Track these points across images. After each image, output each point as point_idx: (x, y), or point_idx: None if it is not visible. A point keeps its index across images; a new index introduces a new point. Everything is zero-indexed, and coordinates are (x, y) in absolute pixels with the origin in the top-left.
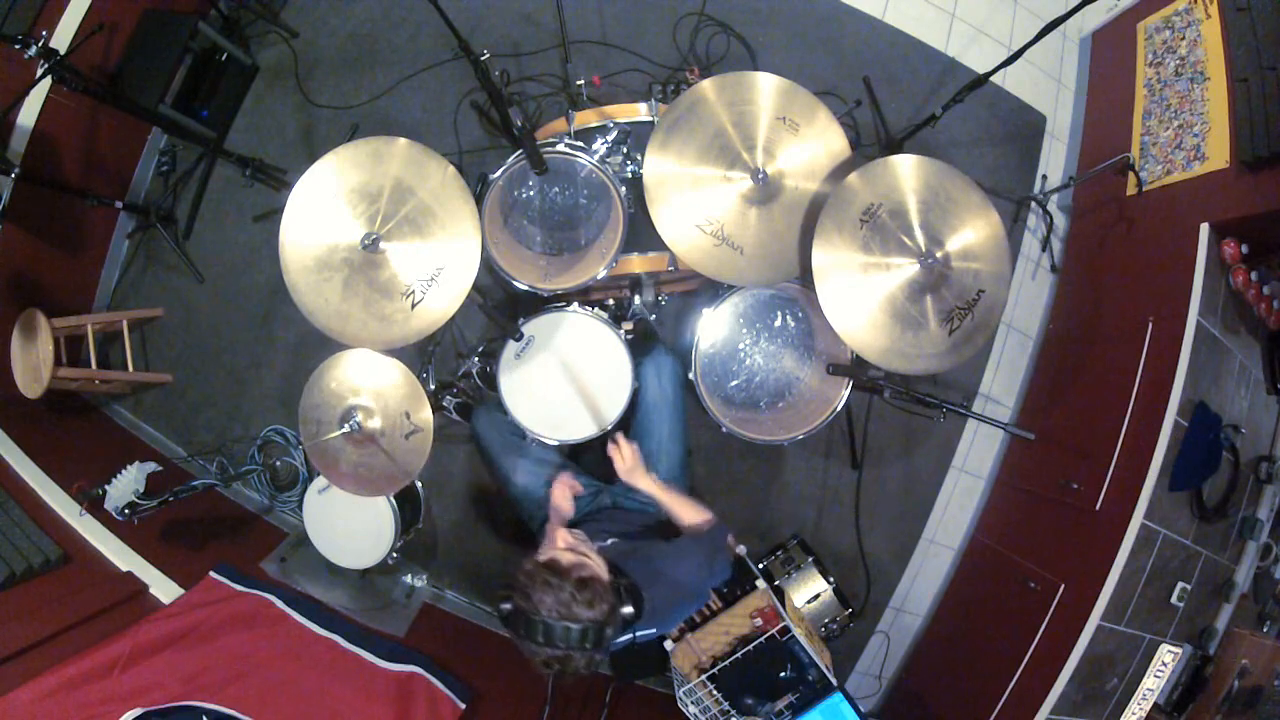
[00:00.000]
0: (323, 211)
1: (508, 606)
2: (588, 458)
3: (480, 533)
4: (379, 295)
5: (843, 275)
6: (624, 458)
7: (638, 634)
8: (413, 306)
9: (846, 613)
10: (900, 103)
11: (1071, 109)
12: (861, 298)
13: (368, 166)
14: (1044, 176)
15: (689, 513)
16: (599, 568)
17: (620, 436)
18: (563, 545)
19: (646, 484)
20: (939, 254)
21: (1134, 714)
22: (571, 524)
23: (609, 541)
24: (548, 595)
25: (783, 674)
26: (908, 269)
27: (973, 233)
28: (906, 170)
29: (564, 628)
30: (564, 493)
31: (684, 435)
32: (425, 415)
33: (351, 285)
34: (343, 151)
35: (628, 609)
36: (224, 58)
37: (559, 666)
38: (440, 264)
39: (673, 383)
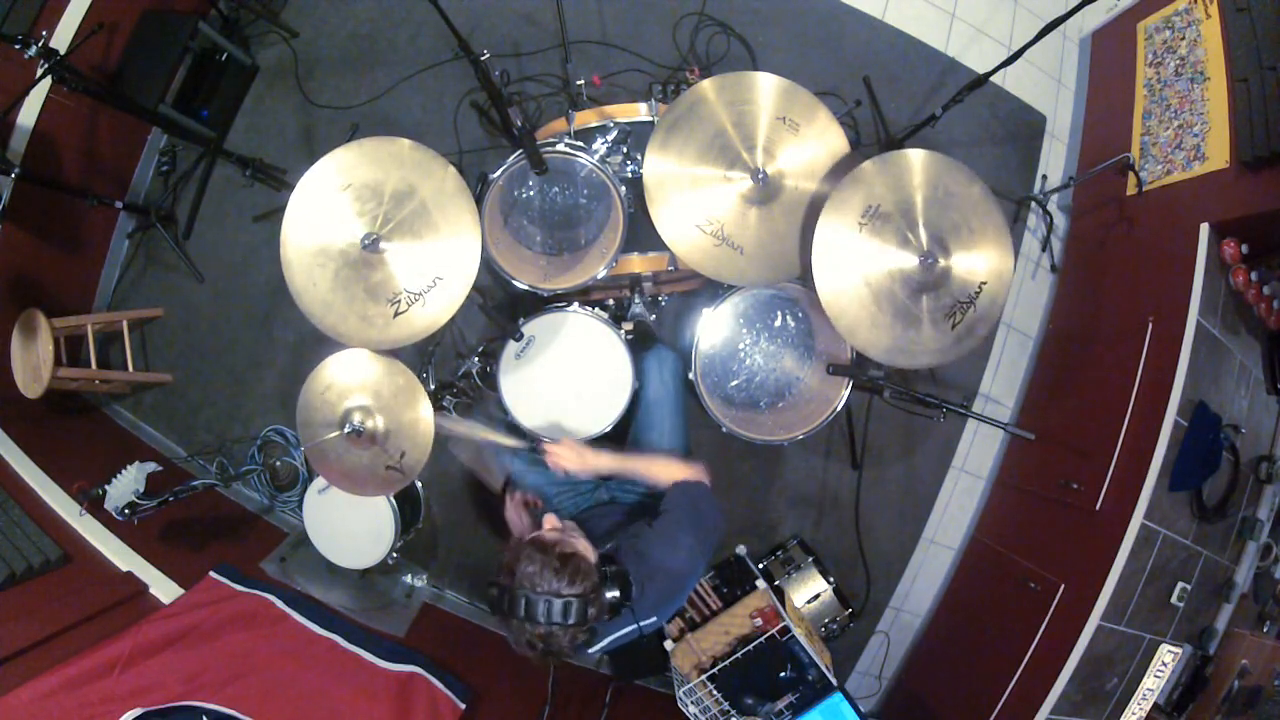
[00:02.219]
0: (328, 203)
1: (494, 591)
2: None
3: (480, 533)
4: (367, 295)
5: (843, 274)
6: (565, 455)
7: (643, 624)
8: (395, 316)
9: (846, 613)
10: (900, 103)
11: (1071, 109)
12: (862, 296)
13: (378, 166)
14: (1044, 176)
15: (669, 471)
16: (584, 549)
17: (549, 444)
18: (548, 526)
19: (606, 463)
20: (940, 252)
21: (1134, 714)
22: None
23: (608, 547)
24: (530, 567)
25: (783, 674)
26: (908, 266)
27: (974, 227)
28: (909, 166)
29: (545, 602)
30: (518, 510)
31: (685, 430)
32: (425, 415)
33: (343, 279)
34: (354, 147)
35: (613, 593)
36: (224, 58)
37: (543, 645)
38: (434, 278)
39: (674, 378)
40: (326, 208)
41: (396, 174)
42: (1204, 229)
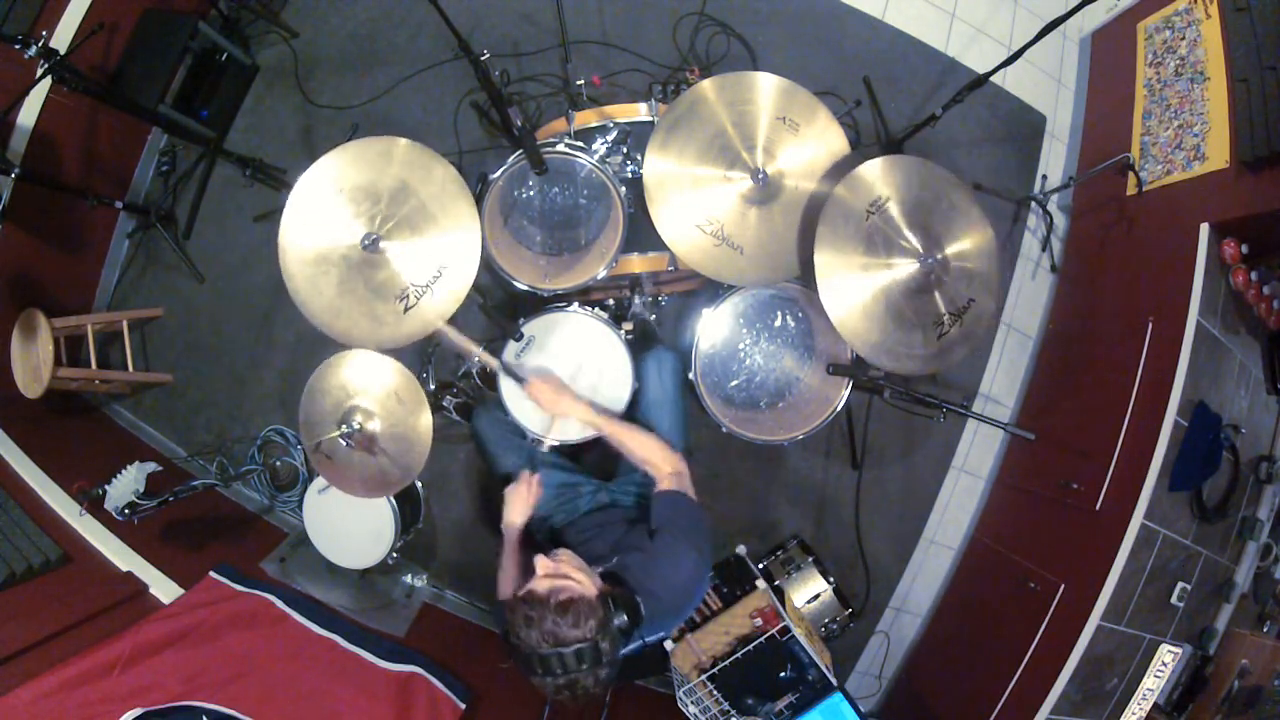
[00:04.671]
0: (324, 208)
1: (510, 648)
2: (588, 457)
3: (480, 533)
4: (374, 295)
5: (844, 272)
6: (543, 391)
7: (647, 638)
8: (405, 310)
9: (846, 613)
10: (900, 103)
11: (1071, 109)
12: (861, 295)
13: (372, 166)
14: (1044, 176)
15: (647, 449)
16: (581, 585)
17: (533, 380)
18: (541, 573)
19: (582, 411)
20: (938, 255)
21: (1134, 714)
22: (570, 523)
23: (613, 562)
24: (531, 630)
25: (783, 674)
26: (907, 268)
27: (967, 239)
28: (906, 172)
29: (557, 655)
30: (518, 505)
31: (685, 431)
32: (425, 415)
33: (348, 283)
34: (347, 149)
35: (621, 618)
36: (224, 58)
37: (569, 693)
38: (438, 269)
39: (674, 379)
40: (323, 214)
41: (389, 172)
42: (1204, 229)
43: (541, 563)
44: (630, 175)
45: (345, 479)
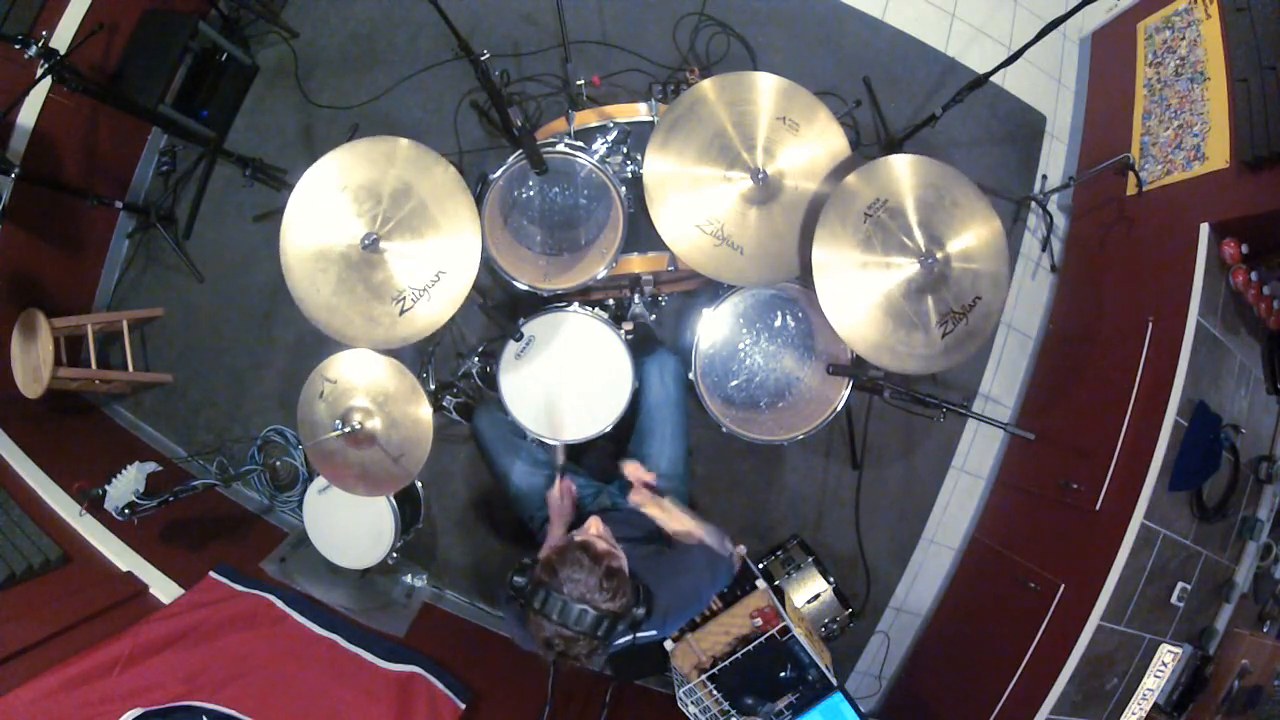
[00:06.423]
0: (326, 206)
1: (522, 579)
2: (588, 458)
3: (480, 533)
4: (371, 295)
5: (842, 270)
6: (640, 489)
7: (638, 636)
8: (401, 313)
9: (846, 613)
10: (900, 103)
11: (1071, 109)
12: (859, 293)
13: (374, 166)
14: (1044, 176)
15: (688, 526)
16: (625, 563)
17: (637, 466)
18: (595, 532)
19: (654, 510)
20: (939, 255)
21: (1134, 714)
22: (571, 526)
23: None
24: (578, 573)
25: (783, 674)
26: (907, 268)
27: (973, 237)
28: (910, 170)
29: (580, 611)
30: (562, 494)
31: (686, 435)
32: (425, 415)
33: (346, 281)
34: (350, 149)
35: (639, 610)
36: (224, 58)
37: (561, 647)
38: (436, 273)
39: (676, 383)
40: (324, 212)
41: (392, 173)
42: (1204, 229)
43: (595, 522)
44: (630, 175)
45: (345, 478)
